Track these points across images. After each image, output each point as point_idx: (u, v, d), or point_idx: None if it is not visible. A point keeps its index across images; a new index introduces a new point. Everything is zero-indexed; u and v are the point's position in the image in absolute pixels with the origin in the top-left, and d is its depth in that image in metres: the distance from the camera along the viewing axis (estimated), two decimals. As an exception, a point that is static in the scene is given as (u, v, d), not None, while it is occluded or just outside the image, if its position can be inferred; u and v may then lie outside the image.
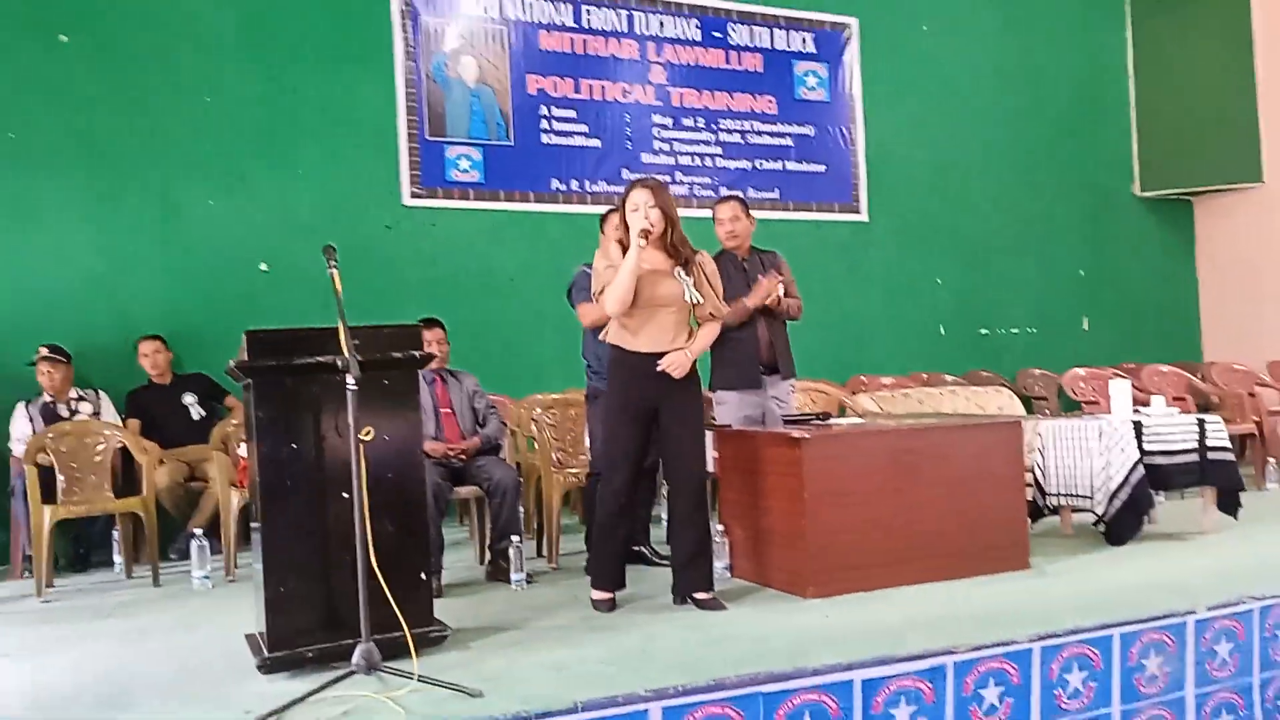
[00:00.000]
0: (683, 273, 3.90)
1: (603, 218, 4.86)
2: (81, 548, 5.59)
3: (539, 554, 5.15)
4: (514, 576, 4.36)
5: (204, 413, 6.00)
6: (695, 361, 3.90)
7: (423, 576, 3.37)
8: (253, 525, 3.40)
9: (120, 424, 5.60)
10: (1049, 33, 9.02)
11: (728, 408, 4.67)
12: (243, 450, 5.37)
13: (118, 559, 5.43)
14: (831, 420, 4.48)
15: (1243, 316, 9.25)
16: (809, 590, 3.87)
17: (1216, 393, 7.11)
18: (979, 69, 8.70)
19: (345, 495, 3.27)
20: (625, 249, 3.85)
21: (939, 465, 4.08)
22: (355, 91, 6.67)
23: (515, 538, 4.42)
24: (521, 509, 4.83)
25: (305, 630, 3.24)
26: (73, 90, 6.02)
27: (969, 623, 3.44)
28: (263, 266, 6.44)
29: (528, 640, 3.51)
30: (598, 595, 3.88)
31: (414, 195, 6.81)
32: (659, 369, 3.84)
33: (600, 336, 4.03)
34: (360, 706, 2.85)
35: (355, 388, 2.99)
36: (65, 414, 5.54)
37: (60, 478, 5.02)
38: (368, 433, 3.06)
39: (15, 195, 5.88)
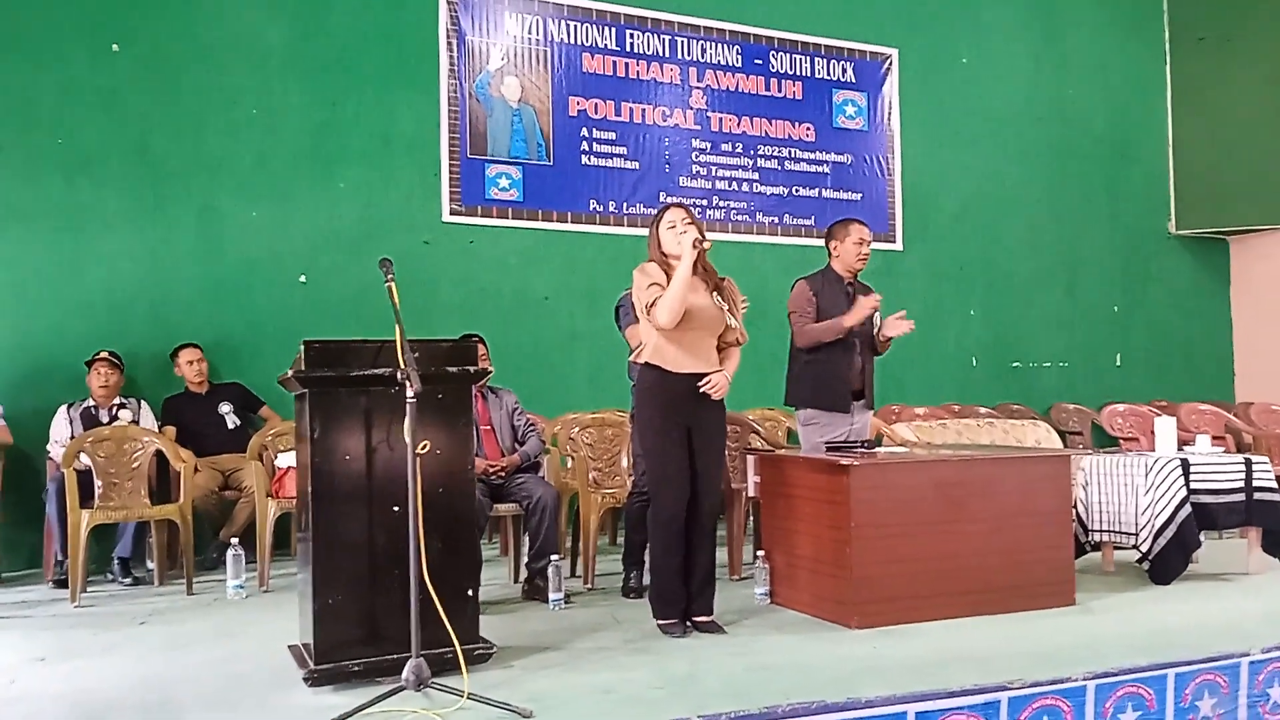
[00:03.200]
0: (719, 296, 3.90)
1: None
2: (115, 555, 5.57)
3: (572, 574, 5.11)
4: (552, 596, 4.33)
5: (239, 422, 6.01)
6: None
7: (469, 594, 3.35)
8: (299, 536, 3.39)
9: (157, 431, 5.61)
10: (1087, 68, 9.02)
11: (815, 428, 4.63)
12: (280, 460, 5.39)
13: (150, 565, 5.43)
14: (877, 449, 4.44)
15: (1277, 357, 9.17)
16: (853, 620, 3.83)
17: (1254, 432, 7.03)
18: (1016, 103, 8.69)
19: (396, 509, 3.27)
20: (666, 269, 3.84)
21: (986, 498, 4.03)
22: (399, 107, 6.71)
23: (554, 557, 4.39)
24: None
25: (351, 643, 3.22)
26: (122, 99, 6.08)
27: (1020, 659, 3.39)
28: (301, 279, 6.46)
29: (571, 661, 3.48)
30: (665, 621, 3.83)
31: (453, 212, 6.83)
32: (701, 390, 3.83)
33: (633, 357, 3.98)
34: (410, 723, 2.83)
35: (414, 400, 2.97)
36: (105, 419, 5.55)
37: (98, 483, 5.02)
38: (424, 446, 3.04)
39: (62, 201, 5.93)
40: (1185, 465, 4.60)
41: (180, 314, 6.13)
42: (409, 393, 2.97)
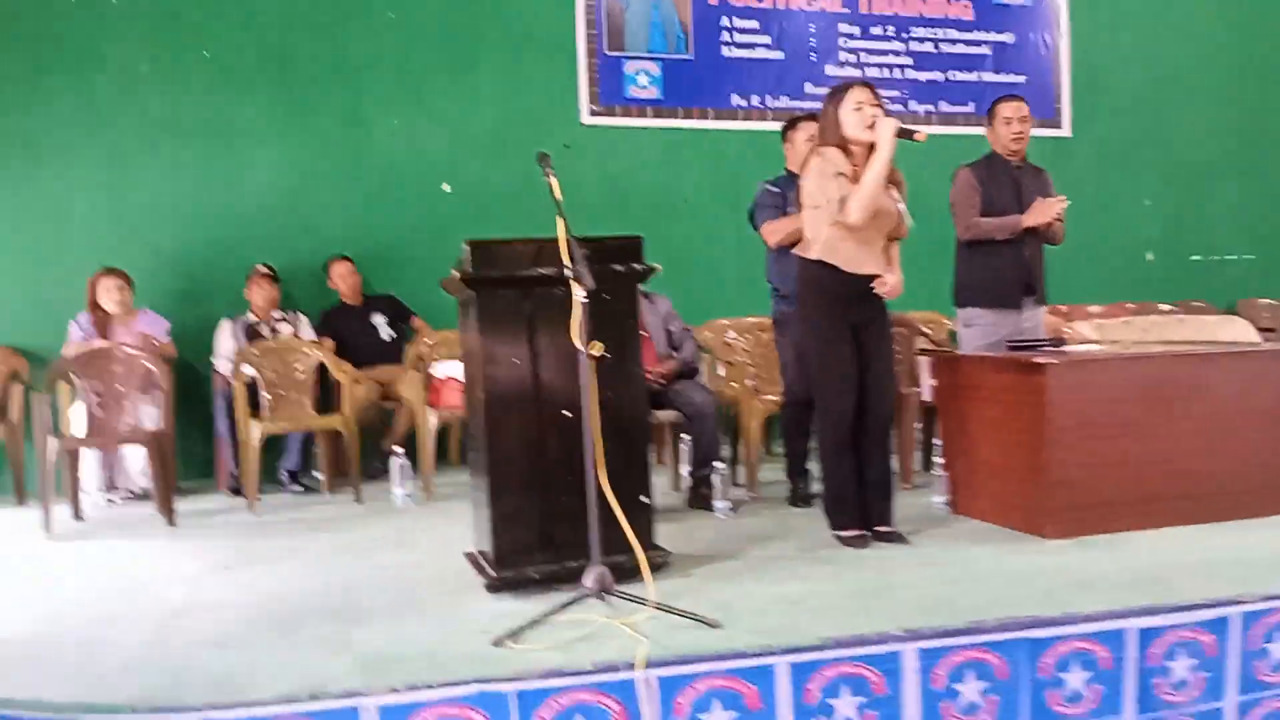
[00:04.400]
0: (895, 191, 3.60)
1: (788, 126, 4.56)
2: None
3: (735, 482, 4.97)
4: (718, 504, 4.20)
5: (393, 333, 6.04)
6: None
7: (643, 500, 3.23)
8: (470, 443, 3.32)
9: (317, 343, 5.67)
10: (1282, -76, 8.07)
11: (978, 329, 4.36)
12: (436, 370, 5.38)
13: (317, 475, 5.54)
14: (1065, 347, 4.10)
15: None
16: (1047, 530, 3.57)
17: None
18: (1197, -32, 7.86)
19: (567, 414, 3.15)
20: (846, 151, 3.54)
21: (1198, 398, 3.68)
22: (535, 5, 6.48)
23: (719, 464, 4.25)
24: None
25: (528, 550, 3.16)
26: (263, 7, 6.03)
27: (1246, 569, 3.09)
28: (446, 187, 6.37)
29: (750, 570, 3.35)
30: (847, 533, 3.64)
31: (593, 113, 6.61)
32: (874, 290, 3.56)
33: (798, 251, 3.71)
34: (597, 631, 2.74)
35: (586, 300, 2.82)
36: (266, 333, 5.63)
37: (264, 395, 5.11)
38: (598, 348, 2.89)
39: (210, 114, 5.96)
40: None
41: (330, 225, 6.14)
42: (579, 293, 2.81)
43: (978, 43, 7.31)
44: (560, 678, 2.49)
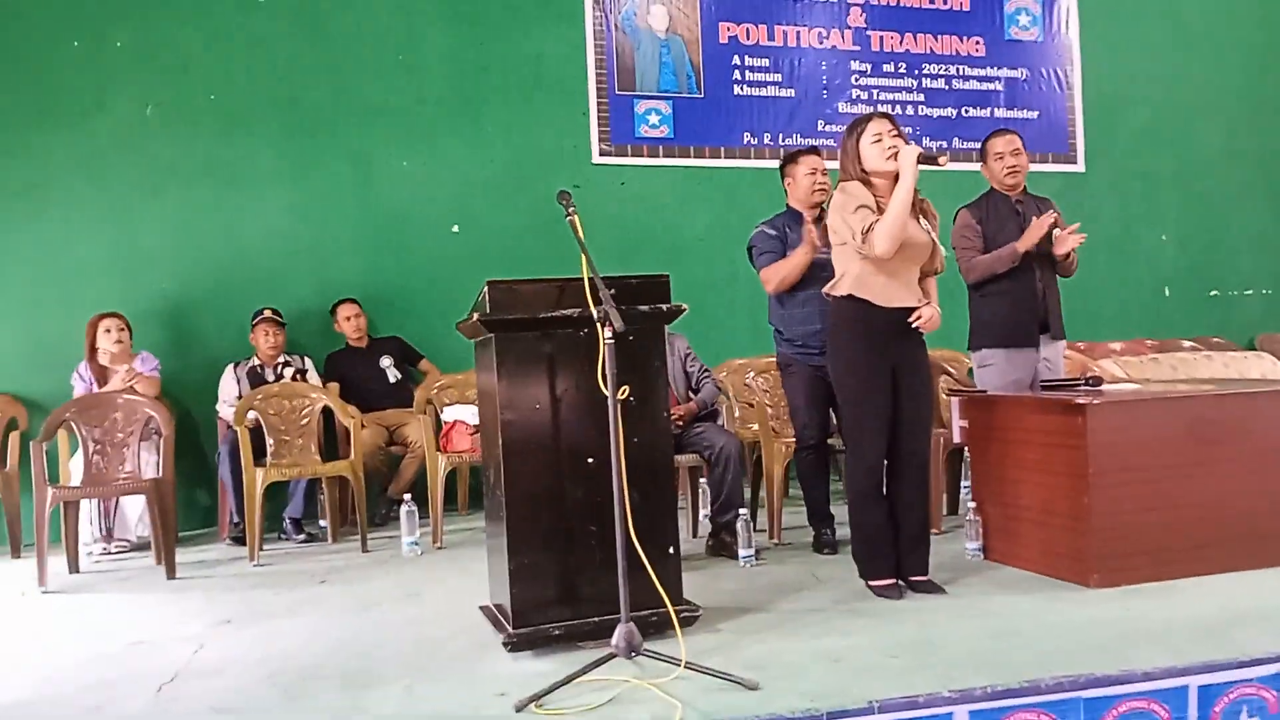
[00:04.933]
0: (925, 220, 3.48)
1: (787, 161, 4.45)
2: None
3: (754, 528, 4.80)
4: (742, 553, 4.03)
5: (400, 376, 5.91)
6: None
7: (670, 551, 3.07)
8: (488, 491, 3.17)
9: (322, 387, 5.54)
10: (1291, -42, 8.04)
11: (994, 369, 4.21)
12: (446, 414, 5.24)
13: (322, 523, 5.38)
14: (1104, 386, 3.96)
15: None
16: (1093, 578, 3.40)
17: None
18: (1210, 2, 7.81)
19: (590, 460, 3.01)
20: (868, 184, 3.43)
21: (1243, 437, 3.53)
22: (544, 45, 6.41)
23: (742, 510, 4.09)
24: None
25: (548, 604, 2.99)
26: (270, 50, 5.96)
27: (1310, 621, 2.93)
28: (455, 228, 6.27)
29: (783, 624, 3.18)
30: (880, 583, 3.47)
31: (603, 153, 6.53)
32: (913, 325, 3.43)
33: (828, 290, 3.56)
34: (625, 694, 2.57)
35: (612, 340, 2.68)
36: (270, 378, 5.50)
37: (269, 441, 4.96)
38: (624, 391, 2.75)
39: (216, 158, 5.87)
40: None
41: (336, 268, 6.03)
42: (607, 333, 2.67)
43: (990, 79, 7.25)
44: (588, 746, 2.33)
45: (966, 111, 7.20)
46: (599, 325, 2.69)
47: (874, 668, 2.70)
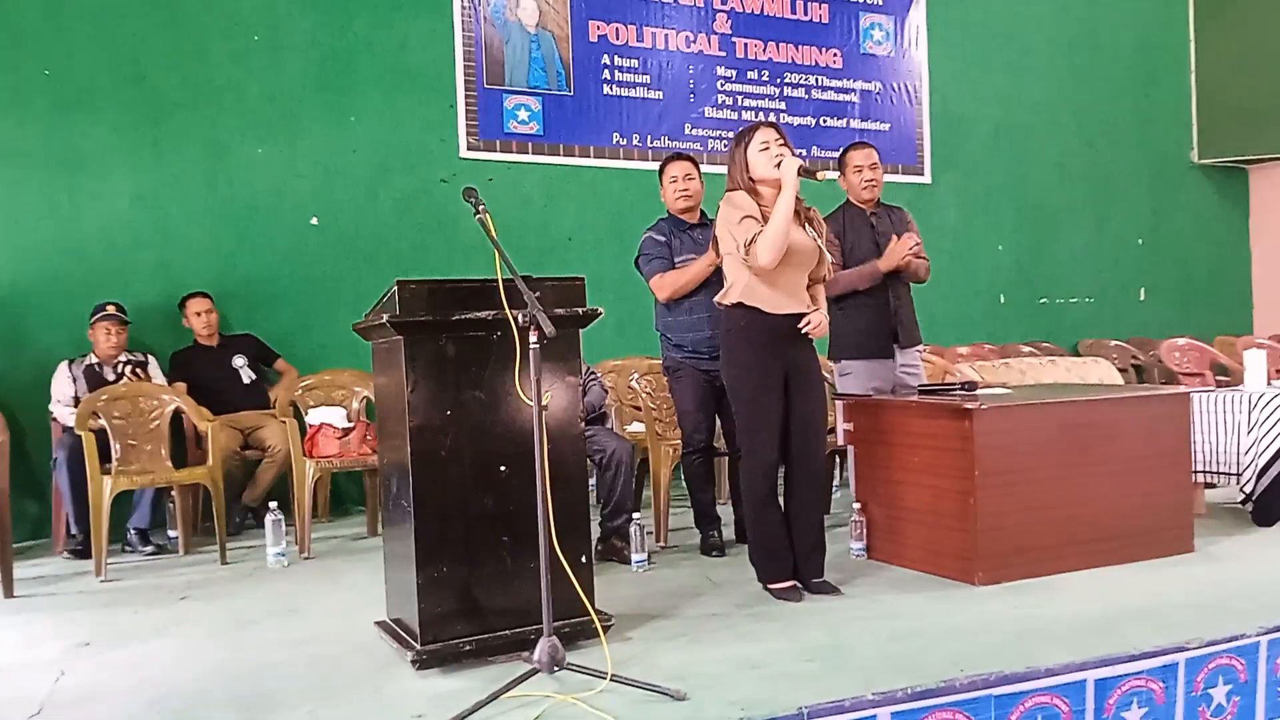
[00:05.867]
0: (810, 228, 3.55)
1: (661, 167, 4.45)
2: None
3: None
4: (635, 558, 4.00)
5: (254, 376, 5.58)
6: None
7: (583, 560, 3.00)
8: (392, 501, 3.01)
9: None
10: (1113, -8, 8.68)
11: (853, 378, 4.33)
12: (311, 417, 4.99)
13: (171, 534, 5.03)
14: (978, 390, 4.13)
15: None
16: (977, 576, 3.54)
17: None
18: (1044, 27, 8.34)
19: (503, 469, 2.91)
20: (755, 193, 3.46)
21: (1111, 441, 3.76)
22: (411, 34, 6.20)
23: (635, 514, 4.06)
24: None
25: (458, 619, 2.87)
26: (114, 24, 5.49)
27: (1182, 613, 3.14)
28: (314, 220, 5.97)
29: (692, 631, 3.16)
30: (778, 586, 3.50)
31: (470, 147, 6.37)
32: (802, 330, 3.48)
33: (719, 299, 3.57)
34: (551, 711, 2.49)
35: (537, 345, 2.60)
36: (111, 377, 5.08)
37: (115, 445, 4.58)
38: (549, 398, 2.67)
39: (52, 138, 5.36)
40: (1292, 401, 4.36)
41: (186, 260, 5.64)
42: (533, 338, 2.58)
43: (847, 90, 7.50)
44: (522, 768, 2.24)
45: (824, 121, 7.42)
46: (526, 329, 2.59)
47: (793, 674, 2.71)
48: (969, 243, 7.99)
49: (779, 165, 3.43)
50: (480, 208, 2.97)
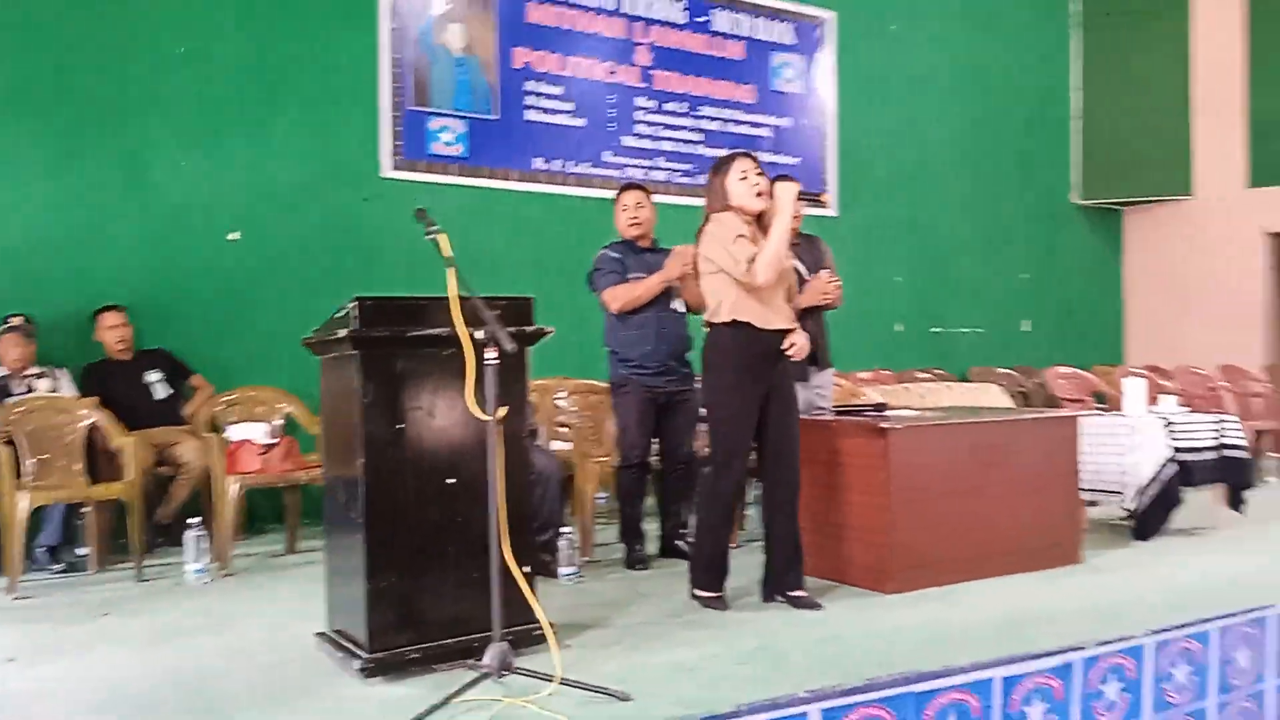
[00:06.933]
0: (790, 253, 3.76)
1: (618, 195, 4.64)
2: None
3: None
4: (564, 570, 4.12)
5: (170, 391, 5.49)
6: None
7: (527, 570, 3.10)
8: (343, 514, 3.07)
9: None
10: (1005, 40, 9.23)
11: None
12: (232, 433, 4.96)
13: (81, 551, 4.92)
14: (888, 412, 4.39)
15: (1163, 323, 9.71)
16: (889, 586, 3.78)
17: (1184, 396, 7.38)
18: (941, 71, 8.83)
19: (451, 481, 3.01)
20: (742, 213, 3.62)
21: (1010, 460, 4.05)
22: (337, 52, 6.23)
23: (565, 529, 4.18)
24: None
25: (404, 628, 2.95)
26: (34, 29, 5.38)
27: (1077, 618, 3.41)
28: (233, 236, 5.94)
29: (626, 639, 3.30)
30: (709, 594, 3.65)
31: (396, 167, 6.42)
32: (786, 350, 3.63)
33: (709, 317, 3.68)
34: (502, 713, 2.60)
35: (497, 361, 2.72)
36: (18, 390, 4.96)
37: (27, 460, 4.49)
38: (503, 413, 2.79)
39: (-38, 144, 5.25)
40: (1168, 424, 4.75)
41: (99, 272, 5.52)
42: (492, 354, 2.71)
43: (760, 124, 7.80)
44: (481, 766, 2.34)
45: (738, 153, 7.68)
46: (483, 346, 2.71)
47: (730, 676, 2.88)
48: (870, 273, 8.35)
49: (760, 194, 3.61)
50: (433, 228, 3.07)
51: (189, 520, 4.50)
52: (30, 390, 4.99)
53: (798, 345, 3.64)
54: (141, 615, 3.85)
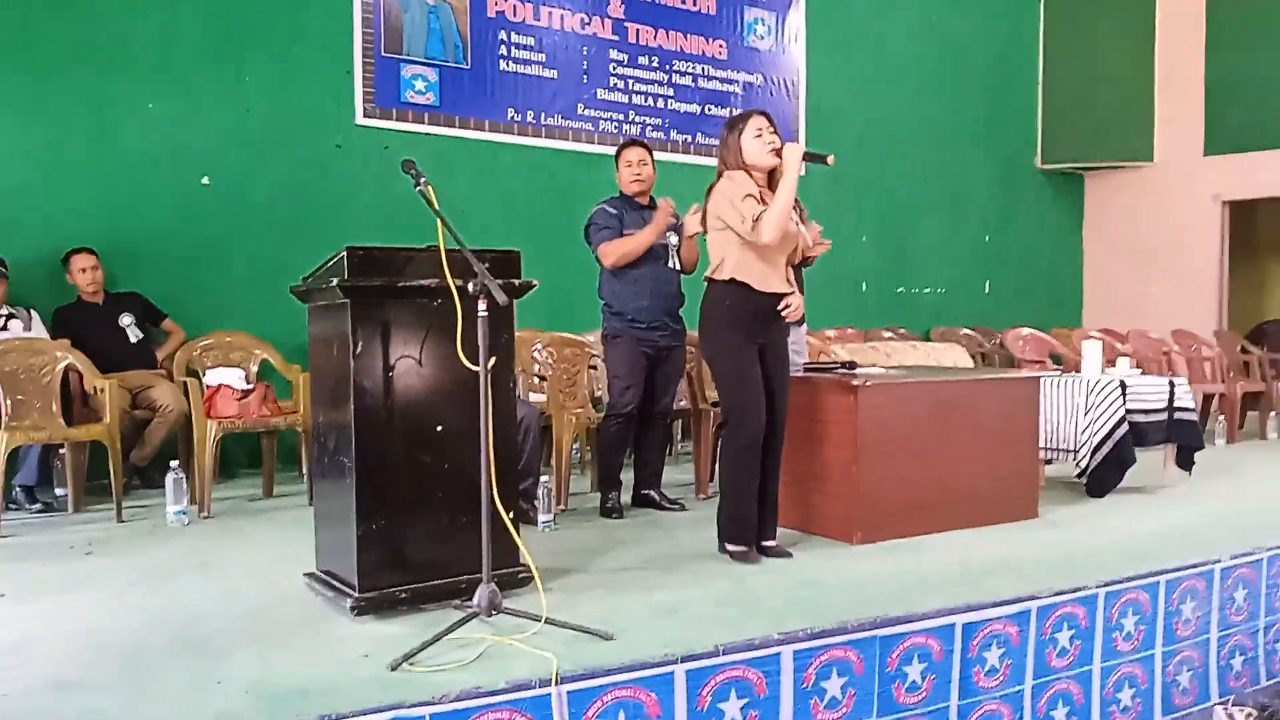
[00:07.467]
0: (795, 214, 3.82)
1: (620, 151, 4.71)
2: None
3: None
4: (542, 518, 4.23)
5: (141, 335, 5.49)
6: None
7: (511, 516, 3.20)
8: (332, 458, 3.15)
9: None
10: (971, 4, 9.32)
11: None
12: (210, 378, 4.99)
13: (59, 492, 4.95)
14: (858, 370, 4.52)
15: (1121, 287, 9.96)
16: (855, 536, 3.94)
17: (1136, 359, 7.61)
18: (910, 31, 8.90)
19: (439, 428, 3.09)
20: (749, 172, 3.68)
21: (973, 416, 4.21)
22: (310, -4, 6.18)
23: (544, 478, 4.29)
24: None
25: (394, 569, 3.04)
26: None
27: (1038, 568, 3.58)
28: (205, 180, 5.90)
29: (607, 583, 3.42)
30: (739, 548, 3.71)
31: (367, 114, 6.39)
32: (781, 311, 3.70)
33: (710, 273, 3.74)
34: (492, 650, 2.71)
35: (487, 313, 2.79)
36: (-8, 331, 4.94)
37: (5, 401, 4.49)
38: (494, 362, 2.87)
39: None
40: (1123, 386, 4.94)
41: (70, 216, 5.49)
42: (482, 306, 2.78)
43: (730, 81, 7.84)
44: (474, 699, 2.45)
45: (709, 110, 7.74)
46: (475, 297, 2.78)
47: (709, 618, 3.01)
48: (836, 233, 8.24)
49: (774, 152, 3.66)
50: (421, 180, 3.11)
51: (170, 463, 4.54)
52: (3, 329, 4.97)
53: (794, 305, 3.72)
54: (126, 555, 3.90)
